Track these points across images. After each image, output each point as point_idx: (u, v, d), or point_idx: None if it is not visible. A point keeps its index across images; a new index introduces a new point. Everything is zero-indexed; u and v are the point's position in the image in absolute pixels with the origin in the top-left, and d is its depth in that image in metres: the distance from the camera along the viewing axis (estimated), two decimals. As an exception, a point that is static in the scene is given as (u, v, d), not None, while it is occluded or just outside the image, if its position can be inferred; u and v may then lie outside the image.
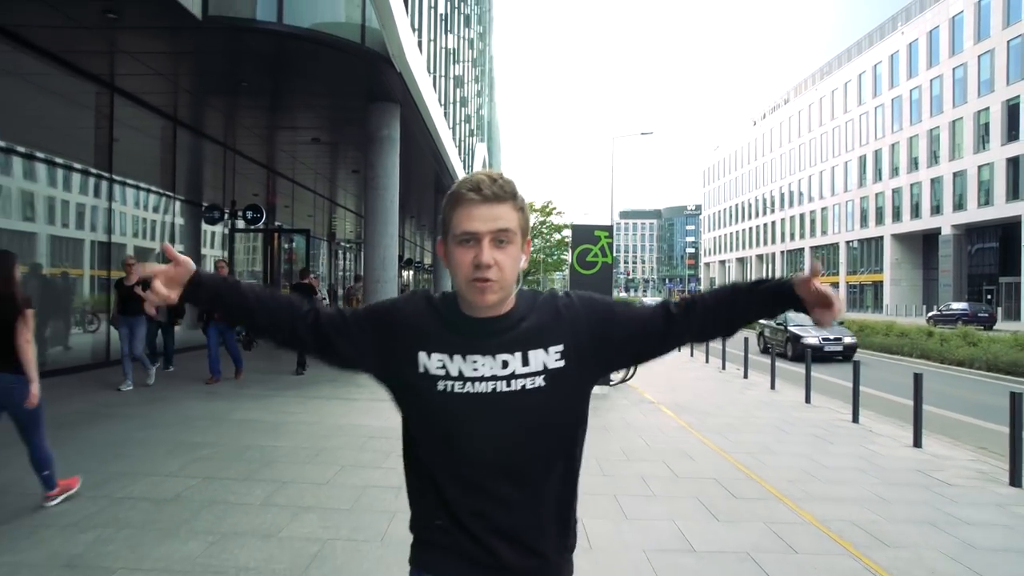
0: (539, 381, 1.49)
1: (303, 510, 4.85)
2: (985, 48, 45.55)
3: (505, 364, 1.48)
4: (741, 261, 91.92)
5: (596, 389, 10.92)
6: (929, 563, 4.27)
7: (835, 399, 11.30)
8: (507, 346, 1.49)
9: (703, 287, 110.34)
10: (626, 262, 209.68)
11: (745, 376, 14.08)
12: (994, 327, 33.22)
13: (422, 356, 1.50)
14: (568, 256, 78.58)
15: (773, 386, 12.44)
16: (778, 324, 20.20)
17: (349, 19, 10.18)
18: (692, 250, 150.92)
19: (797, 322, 19.38)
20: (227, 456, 6.27)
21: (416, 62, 12.10)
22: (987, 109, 45.25)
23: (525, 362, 1.49)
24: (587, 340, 1.53)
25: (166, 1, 8.16)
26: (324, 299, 16.98)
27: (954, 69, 48.66)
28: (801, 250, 72.63)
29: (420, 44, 14.72)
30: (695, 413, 9.62)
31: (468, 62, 31.98)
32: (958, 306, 37.14)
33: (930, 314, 39.35)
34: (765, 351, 19.94)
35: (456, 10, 25.98)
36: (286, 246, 21.77)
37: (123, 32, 9.37)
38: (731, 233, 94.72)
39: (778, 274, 73.22)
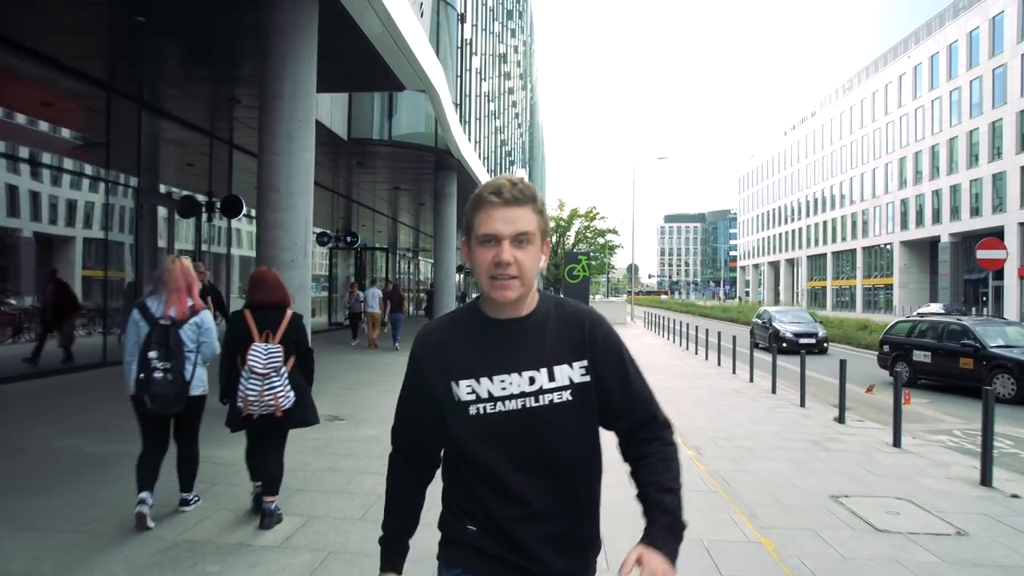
0: (566, 395, 1.58)
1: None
2: (976, 74, 50.58)
3: (532, 380, 1.57)
4: (773, 265, 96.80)
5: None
6: (697, 421, 10.84)
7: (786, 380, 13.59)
8: (532, 361, 1.58)
9: (739, 291, 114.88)
10: (670, 265, 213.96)
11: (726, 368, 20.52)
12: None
13: (453, 386, 1.59)
14: (612, 260, 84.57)
15: (734, 371, 18.90)
16: (764, 323, 23.79)
17: (427, 130, 17.04)
18: (735, 253, 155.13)
19: (779, 319, 23.08)
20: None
21: (467, 151, 18.96)
22: (977, 129, 50.25)
23: (551, 377, 1.58)
24: (601, 366, 1.63)
25: (331, 134, 15.10)
26: (360, 300, 19.66)
27: (951, 92, 53.66)
28: (824, 255, 77.61)
29: (467, 124, 21.60)
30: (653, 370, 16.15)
31: (508, 108, 38.90)
32: (935, 306, 42.46)
33: (915, 313, 44.62)
34: (755, 345, 21.07)
35: (499, 74, 32.87)
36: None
37: (300, 144, 16.35)
38: (763, 239, 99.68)
39: (803, 279, 77.18)
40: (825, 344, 22.41)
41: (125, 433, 6.99)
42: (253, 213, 17.71)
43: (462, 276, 50.75)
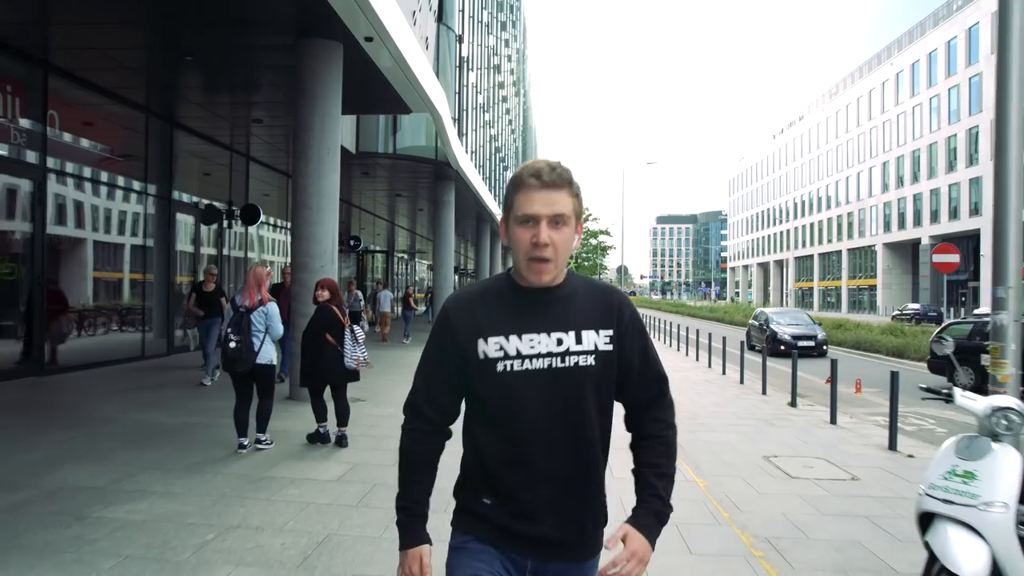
0: (591, 360, 1.65)
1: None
2: (954, 82, 52.34)
3: (560, 341, 1.63)
4: (762, 266, 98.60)
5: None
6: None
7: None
8: (561, 324, 1.64)
9: (729, 292, 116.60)
10: (662, 266, 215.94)
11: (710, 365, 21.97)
12: (939, 323, 40.15)
13: (480, 344, 1.64)
14: (604, 260, 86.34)
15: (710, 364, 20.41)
16: (760, 324, 22.56)
17: (428, 144, 18.47)
18: (726, 254, 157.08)
19: (776, 321, 22.00)
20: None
21: (464, 162, 20.42)
22: (955, 135, 52.07)
23: (579, 340, 1.64)
24: (625, 341, 1.71)
25: (342, 149, 16.45)
26: (360, 300, 19.66)
27: (931, 99, 55.48)
28: (811, 257, 79.42)
29: (464, 136, 23.03)
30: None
31: (502, 115, 40.34)
32: (913, 306, 44.15)
33: (893, 313, 46.29)
34: (751, 348, 20.81)
35: (494, 84, 34.29)
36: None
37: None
38: (752, 240, 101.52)
39: (790, 280, 78.91)
40: (824, 347, 21.34)
41: (181, 410, 8.46)
42: (271, 220, 19.19)
43: (457, 277, 52.27)
